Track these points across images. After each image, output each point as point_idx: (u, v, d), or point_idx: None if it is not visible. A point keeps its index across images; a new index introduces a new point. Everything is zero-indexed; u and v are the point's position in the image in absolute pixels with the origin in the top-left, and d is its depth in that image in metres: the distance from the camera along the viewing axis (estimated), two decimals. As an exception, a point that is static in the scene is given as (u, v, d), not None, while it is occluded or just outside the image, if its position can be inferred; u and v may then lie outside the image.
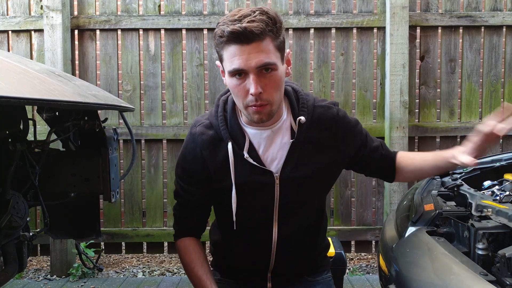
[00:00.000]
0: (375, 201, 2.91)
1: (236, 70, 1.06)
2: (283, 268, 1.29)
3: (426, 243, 1.06)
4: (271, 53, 1.06)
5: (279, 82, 1.10)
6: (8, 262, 1.40)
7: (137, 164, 2.84)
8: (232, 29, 1.02)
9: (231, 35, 1.03)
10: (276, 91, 1.10)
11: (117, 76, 2.85)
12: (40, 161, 1.43)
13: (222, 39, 1.06)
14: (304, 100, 1.22)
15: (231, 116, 1.20)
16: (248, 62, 1.04)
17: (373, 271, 2.81)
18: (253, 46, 1.04)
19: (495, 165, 1.68)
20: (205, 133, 1.21)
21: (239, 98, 1.11)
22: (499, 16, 2.76)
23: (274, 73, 1.08)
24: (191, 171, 1.24)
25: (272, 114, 1.13)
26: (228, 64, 1.07)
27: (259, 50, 1.04)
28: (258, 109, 1.09)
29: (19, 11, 2.79)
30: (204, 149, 1.21)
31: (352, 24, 2.78)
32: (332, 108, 1.23)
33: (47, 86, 1.12)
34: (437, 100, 2.86)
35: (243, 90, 1.08)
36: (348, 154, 1.25)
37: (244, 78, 1.07)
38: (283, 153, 1.19)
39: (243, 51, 1.04)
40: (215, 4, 2.81)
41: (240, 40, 1.03)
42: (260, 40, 1.04)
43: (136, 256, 3.12)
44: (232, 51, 1.05)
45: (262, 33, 1.03)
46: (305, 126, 1.19)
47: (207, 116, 1.25)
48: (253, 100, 1.08)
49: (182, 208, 1.29)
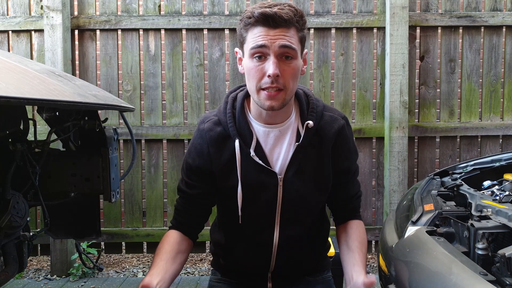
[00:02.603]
0: (375, 201, 2.91)
1: (259, 46, 1.07)
2: (284, 269, 1.30)
3: (426, 243, 1.06)
4: (294, 41, 1.09)
5: (296, 72, 1.12)
6: (8, 262, 1.40)
7: (137, 164, 2.84)
8: (263, 11, 1.06)
9: (260, 16, 1.06)
10: (292, 79, 1.11)
11: (117, 76, 2.85)
12: (40, 161, 1.43)
13: (250, 20, 1.08)
14: (314, 105, 1.22)
15: (240, 113, 1.20)
16: (272, 42, 1.06)
17: (373, 271, 2.81)
18: (279, 30, 1.07)
19: (495, 165, 1.68)
20: (213, 130, 1.21)
21: (254, 80, 1.10)
22: (499, 16, 2.76)
23: (294, 61, 1.10)
24: (197, 167, 1.24)
25: (284, 103, 1.13)
26: (250, 42, 1.09)
27: (284, 35, 1.07)
28: (271, 94, 1.09)
29: (19, 11, 2.79)
30: (211, 146, 1.21)
31: (352, 24, 2.78)
32: (340, 120, 1.24)
33: (47, 86, 1.12)
34: (437, 100, 2.86)
35: (260, 72, 1.09)
36: (334, 168, 1.25)
37: (263, 61, 1.08)
38: (288, 155, 1.19)
39: (269, 33, 1.07)
40: (215, 4, 2.81)
41: (268, 23, 1.06)
42: (287, 27, 1.07)
43: (136, 256, 3.12)
44: (258, 31, 1.08)
45: (290, 20, 1.07)
46: (312, 131, 1.19)
47: (215, 113, 1.25)
48: (269, 82, 1.08)
49: (184, 202, 1.28)
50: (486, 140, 2.85)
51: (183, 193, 1.28)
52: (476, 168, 1.69)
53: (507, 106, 2.86)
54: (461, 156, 2.85)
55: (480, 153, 2.83)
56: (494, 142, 2.84)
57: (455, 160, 2.84)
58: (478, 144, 2.85)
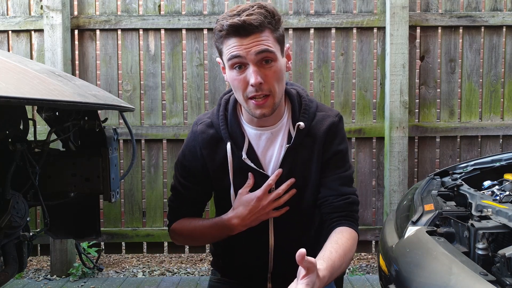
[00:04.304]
0: (375, 201, 2.91)
1: (234, 57, 1.05)
2: (283, 269, 1.29)
3: (426, 243, 1.06)
4: (270, 44, 1.06)
5: (279, 74, 1.10)
6: (8, 262, 1.39)
7: (137, 164, 2.84)
8: (231, 23, 1.03)
9: (230, 28, 1.04)
10: (277, 82, 1.09)
11: (117, 76, 2.85)
12: (40, 161, 1.43)
13: (221, 33, 1.06)
14: (307, 106, 1.21)
15: (232, 116, 1.20)
16: (248, 51, 1.04)
17: (373, 271, 2.81)
18: (252, 38, 1.04)
19: (495, 165, 1.68)
20: (206, 132, 1.22)
21: (240, 91, 1.10)
22: (499, 16, 2.76)
23: (274, 64, 1.08)
24: (190, 169, 1.24)
25: (275, 108, 1.12)
26: (226, 54, 1.07)
27: (258, 40, 1.05)
28: (259, 103, 1.09)
29: (19, 11, 2.79)
30: (204, 148, 1.21)
31: (352, 24, 2.78)
32: (332, 117, 1.21)
33: (47, 86, 1.12)
34: (437, 100, 2.86)
35: (243, 82, 1.08)
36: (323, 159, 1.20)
37: (244, 70, 1.07)
38: (279, 157, 1.19)
39: (242, 42, 1.05)
40: (215, 4, 2.81)
41: (239, 33, 1.04)
42: (259, 32, 1.05)
43: (136, 256, 3.12)
44: (231, 42, 1.06)
45: (261, 25, 1.04)
46: (304, 132, 1.18)
47: (209, 115, 1.25)
48: (253, 91, 1.07)
49: (178, 201, 1.29)
50: (486, 140, 2.85)
51: (178, 193, 1.29)
52: (476, 168, 1.69)
53: (507, 106, 2.86)
54: (461, 156, 2.85)
55: (480, 153, 2.83)
56: (494, 142, 2.84)
57: (455, 160, 2.84)
58: (478, 144, 2.85)
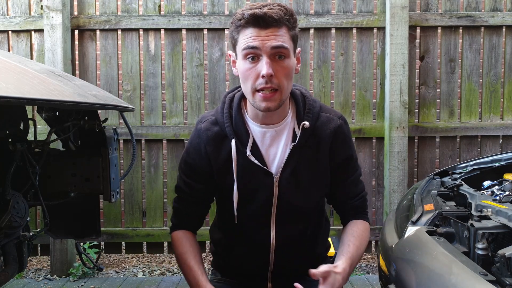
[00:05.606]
0: (375, 201, 2.91)
1: (250, 47, 1.07)
2: (283, 269, 1.30)
3: (426, 243, 1.06)
4: (286, 40, 1.09)
5: (290, 71, 1.12)
6: (8, 262, 1.40)
7: (137, 164, 2.84)
8: (253, 12, 1.06)
9: (250, 17, 1.06)
10: (286, 78, 1.11)
11: (117, 76, 2.85)
12: (40, 161, 1.43)
13: (240, 21, 1.08)
14: (311, 106, 1.22)
15: (237, 113, 1.20)
16: (264, 43, 1.07)
17: (373, 271, 2.81)
18: (270, 30, 1.07)
19: (494, 165, 1.68)
20: (210, 129, 1.22)
21: (249, 81, 1.11)
22: (499, 16, 2.76)
23: (287, 60, 1.10)
24: (195, 166, 1.25)
25: (280, 104, 1.13)
26: (242, 44, 1.09)
27: (275, 35, 1.07)
28: (267, 96, 1.10)
29: (19, 11, 2.79)
30: (208, 145, 1.22)
31: (352, 24, 2.78)
32: (336, 120, 1.24)
33: (47, 86, 1.12)
34: (437, 100, 2.86)
35: (254, 73, 1.09)
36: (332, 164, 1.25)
37: (257, 62, 1.09)
38: (284, 155, 1.20)
39: (260, 33, 1.07)
40: (215, 4, 2.81)
41: (258, 23, 1.06)
42: (278, 27, 1.07)
43: (136, 256, 3.12)
44: (249, 32, 1.08)
45: (280, 20, 1.07)
46: (308, 132, 1.19)
47: (213, 113, 1.26)
48: (263, 82, 1.08)
49: (182, 201, 1.30)
50: (486, 140, 2.85)
51: (182, 193, 1.28)
52: (476, 168, 1.69)
53: (507, 106, 2.86)
54: (461, 156, 2.85)
55: (480, 153, 2.83)
56: (494, 142, 2.84)
57: (455, 160, 2.84)
58: (478, 144, 2.85)
